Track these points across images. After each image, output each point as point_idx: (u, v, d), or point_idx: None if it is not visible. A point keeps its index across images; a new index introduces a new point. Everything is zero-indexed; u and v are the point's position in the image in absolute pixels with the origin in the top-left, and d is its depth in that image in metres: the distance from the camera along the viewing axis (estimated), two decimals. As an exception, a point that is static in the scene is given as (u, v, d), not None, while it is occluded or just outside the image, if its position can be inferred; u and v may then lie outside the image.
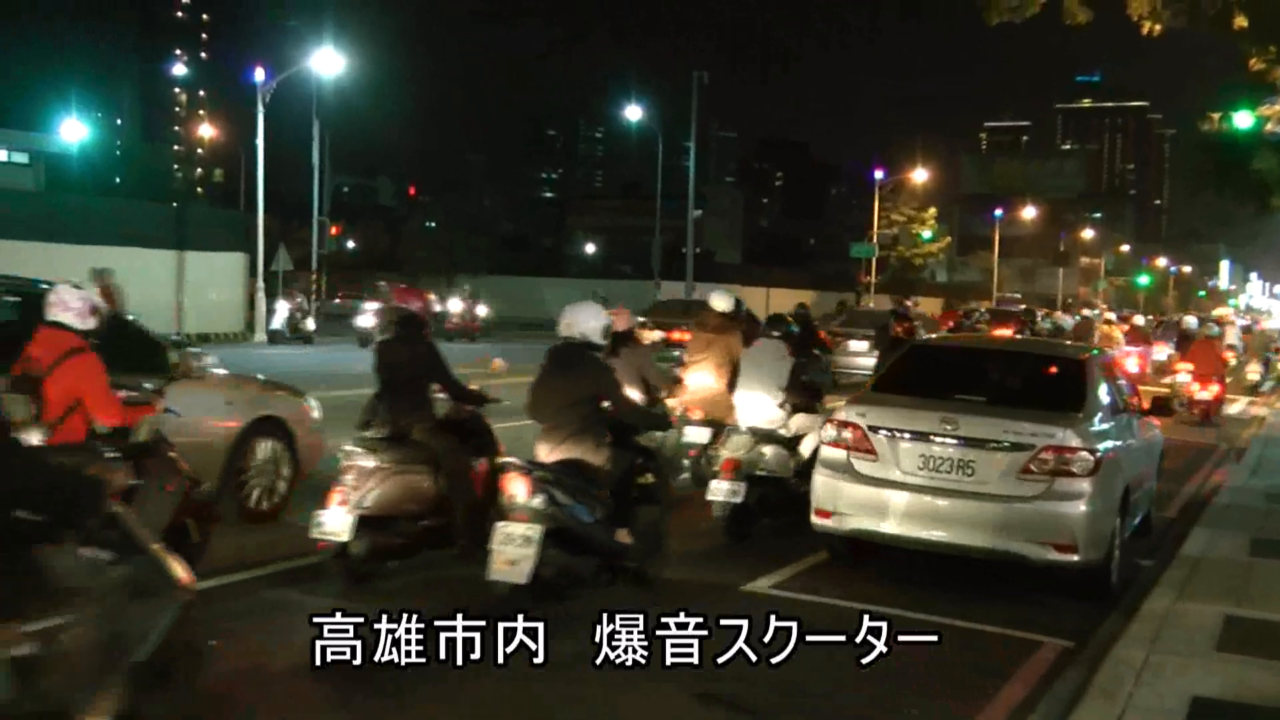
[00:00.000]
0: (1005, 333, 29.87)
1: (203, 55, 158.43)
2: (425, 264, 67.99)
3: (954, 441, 9.43)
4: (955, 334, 26.26)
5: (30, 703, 5.19)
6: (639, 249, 78.39)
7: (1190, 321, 32.68)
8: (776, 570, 10.12)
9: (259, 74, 44.73)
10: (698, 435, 12.52)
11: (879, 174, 74.67)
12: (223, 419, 10.71)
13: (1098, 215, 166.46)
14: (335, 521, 8.63)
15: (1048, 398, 10.32)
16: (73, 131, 73.84)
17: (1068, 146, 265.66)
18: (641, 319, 19.78)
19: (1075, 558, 9.12)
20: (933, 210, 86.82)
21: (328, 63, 46.18)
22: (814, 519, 10.09)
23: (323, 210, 53.67)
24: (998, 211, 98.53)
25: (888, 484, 9.63)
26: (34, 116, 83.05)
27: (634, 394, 10.72)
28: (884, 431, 9.75)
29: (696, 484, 12.20)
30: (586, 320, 8.81)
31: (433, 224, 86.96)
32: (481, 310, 45.49)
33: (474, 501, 9.21)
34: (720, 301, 13.73)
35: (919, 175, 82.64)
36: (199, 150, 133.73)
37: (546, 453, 8.67)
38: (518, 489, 8.08)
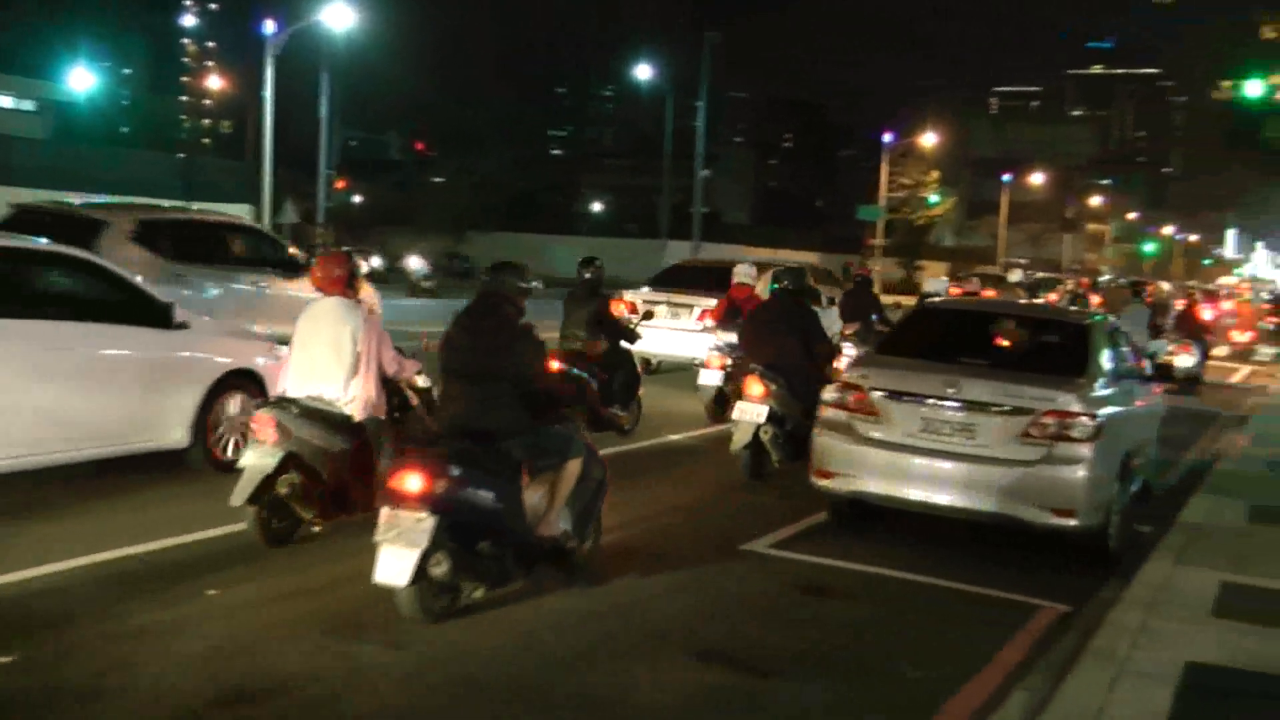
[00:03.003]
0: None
1: (212, 6, 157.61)
2: (434, 219, 67.86)
3: (955, 404, 9.45)
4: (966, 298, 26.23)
5: None
6: (647, 208, 78.28)
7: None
8: (776, 530, 10.17)
9: (269, 26, 44.61)
10: None
11: (888, 137, 74.35)
12: None
13: (1107, 182, 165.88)
14: None
15: (1051, 362, 10.33)
16: (81, 80, 73.64)
17: (1078, 113, 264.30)
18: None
19: (1074, 522, 9.15)
20: (936, 173, 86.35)
21: (339, 16, 45.92)
22: (814, 479, 10.12)
23: (330, 164, 53.53)
24: (1006, 176, 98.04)
25: (888, 446, 9.65)
26: (42, 64, 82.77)
27: None
28: (886, 393, 9.76)
29: None
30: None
31: (440, 179, 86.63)
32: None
33: None
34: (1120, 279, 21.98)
35: (928, 139, 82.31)
36: (207, 101, 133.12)
37: None
38: None
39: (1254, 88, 21.28)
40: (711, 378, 15.31)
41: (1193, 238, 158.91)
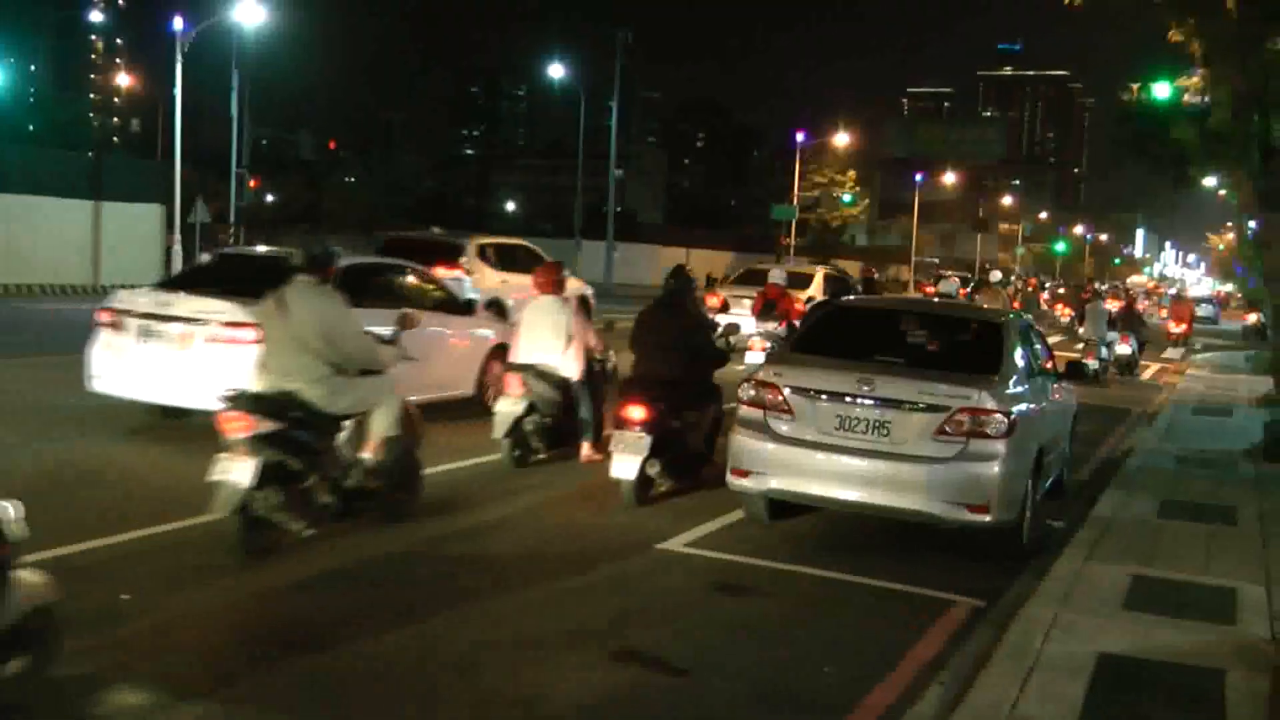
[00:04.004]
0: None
1: (120, 2, 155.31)
2: (346, 219, 67.36)
3: (870, 402, 9.45)
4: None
5: None
6: (561, 208, 78.15)
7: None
8: (691, 528, 10.13)
9: (178, 23, 44.01)
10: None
11: (800, 136, 74.81)
12: None
13: (1017, 182, 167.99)
14: None
15: (965, 360, 10.37)
16: (-16, 78, 72.20)
17: (989, 114, 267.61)
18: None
19: (988, 518, 9.20)
20: (852, 173, 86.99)
21: (249, 13, 45.45)
22: (730, 478, 10.08)
23: (241, 163, 52.94)
24: (918, 176, 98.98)
25: (804, 444, 9.63)
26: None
27: None
28: (801, 391, 9.74)
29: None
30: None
31: (352, 179, 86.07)
32: None
33: None
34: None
35: (841, 139, 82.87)
36: (116, 99, 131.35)
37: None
38: None
39: (1162, 90, 21.55)
40: (754, 358, 18.50)
41: (1103, 237, 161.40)
